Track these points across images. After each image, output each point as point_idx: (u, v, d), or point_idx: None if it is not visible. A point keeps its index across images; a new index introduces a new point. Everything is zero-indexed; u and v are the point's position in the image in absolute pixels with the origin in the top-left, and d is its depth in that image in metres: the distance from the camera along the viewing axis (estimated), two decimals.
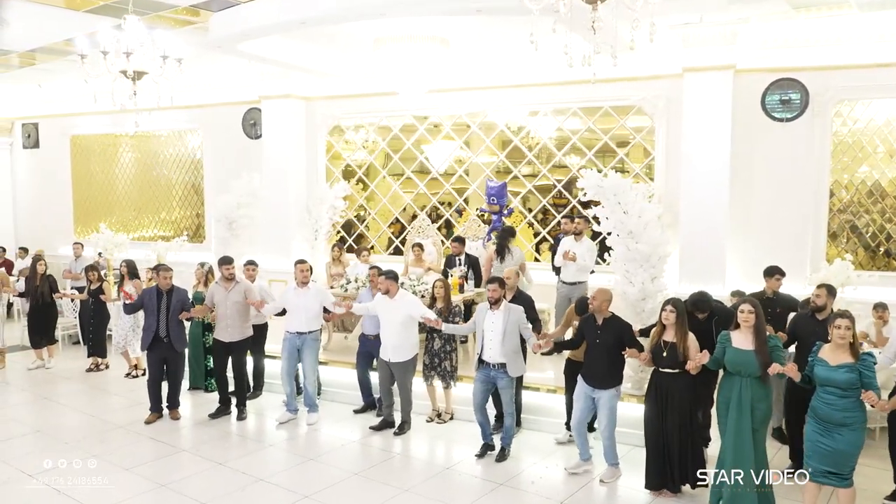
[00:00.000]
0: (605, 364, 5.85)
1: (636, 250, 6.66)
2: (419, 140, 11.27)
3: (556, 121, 10.17)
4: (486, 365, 6.36)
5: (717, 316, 5.97)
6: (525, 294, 7.18)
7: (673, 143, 9.32)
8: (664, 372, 5.52)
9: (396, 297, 6.99)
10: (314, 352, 7.52)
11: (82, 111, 14.00)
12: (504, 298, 6.41)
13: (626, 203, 6.71)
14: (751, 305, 5.17)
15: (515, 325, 6.28)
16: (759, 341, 5.10)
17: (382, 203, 11.77)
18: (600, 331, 5.89)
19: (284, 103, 11.53)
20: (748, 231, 9.03)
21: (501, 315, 6.31)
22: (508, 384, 6.36)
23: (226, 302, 7.53)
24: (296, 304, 7.41)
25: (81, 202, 14.73)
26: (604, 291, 5.94)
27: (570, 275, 8.21)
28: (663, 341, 5.51)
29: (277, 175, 11.63)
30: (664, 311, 5.51)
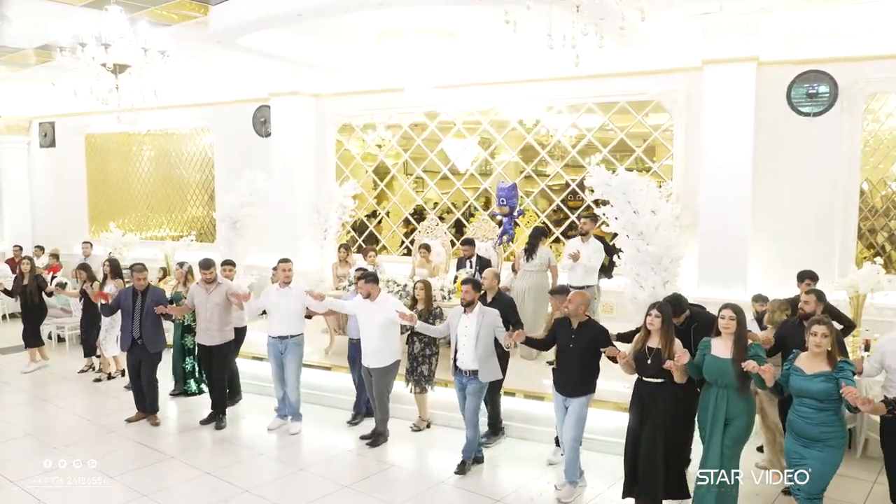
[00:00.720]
0: (577, 371, 5.51)
1: (646, 252, 6.28)
2: (431, 138, 10.94)
3: (571, 117, 9.76)
4: (460, 372, 6.11)
5: (695, 321, 5.59)
6: (506, 295, 6.90)
7: (692, 139, 8.88)
8: (648, 381, 5.15)
9: (377, 299, 6.70)
10: (297, 357, 7.20)
11: (96, 110, 13.97)
12: (476, 302, 6.11)
13: (636, 202, 6.32)
14: (732, 311, 4.85)
15: (490, 328, 5.99)
16: (738, 349, 4.77)
17: (392, 202, 11.46)
18: (574, 335, 5.54)
19: (293, 100, 11.29)
20: (772, 232, 8.55)
21: (475, 319, 6.01)
22: (476, 391, 6.07)
23: (206, 304, 7.28)
24: (276, 304, 7.13)
25: (96, 201, 14.70)
26: (581, 294, 5.60)
27: (577, 277, 7.81)
28: (647, 348, 5.13)
29: (286, 174, 11.41)
30: (649, 316, 5.11)
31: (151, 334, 7.32)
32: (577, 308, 5.52)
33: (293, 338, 7.14)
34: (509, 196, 9.12)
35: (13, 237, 14.98)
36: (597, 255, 7.75)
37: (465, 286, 6.06)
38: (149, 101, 13.05)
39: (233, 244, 9.71)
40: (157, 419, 7.43)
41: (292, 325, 7.12)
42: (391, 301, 6.77)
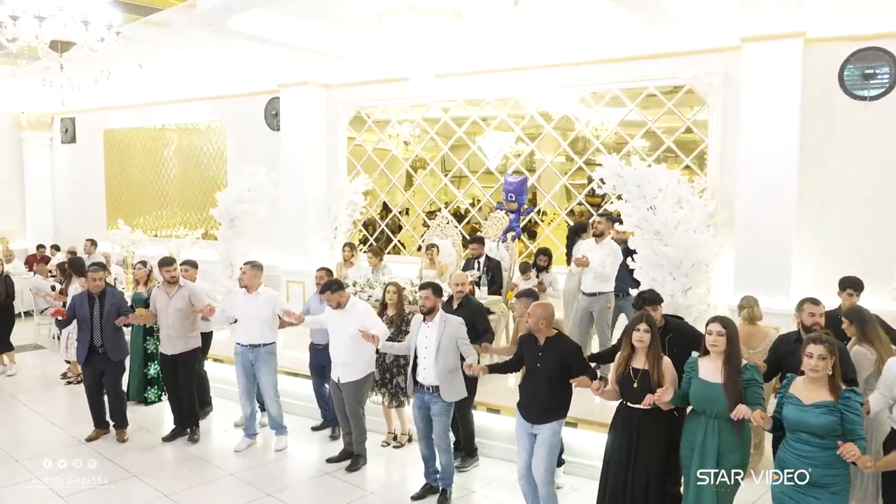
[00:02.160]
0: (546, 394, 4.69)
1: (663, 254, 5.39)
2: (445, 133, 10.19)
3: (594, 105, 8.87)
4: (421, 388, 5.36)
5: (671, 332, 4.78)
6: (475, 301, 6.18)
7: (730, 128, 7.91)
8: (634, 408, 4.36)
9: (347, 306, 5.98)
10: (271, 367, 6.54)
11: (113, 105, 13.77)
12: (438, 309, 5.37)
13: (652, 196, 5.45)
14: (720, 325, 4.09)
15: (452, 339, 5.25)
16: (729, 371, 4.01)
17: (405, 198, 10.74)
18: (541, 353, 4.71)
19: (303, 91, 10.69)
20: (820, 231, 7.52)
21: (436, 328, 5.29)
22: (442, 411, 5.33)
23: (168, 309, 6.66)
24: (245, 311, 6.46)
25: (114, 198, 14.42)
26: (541, 306, 4.76)
27: (588, 284, 6.96)
28: (632, 369, 4.34)
29: (295, 168, 10.84)
30: (637, 332, 4.34)
31: (112, 341, 6.67)
32: (537, 322, 4.69)
33: (265, 346, 6.48)
34: (519, 191, 8.29)
35: (35, 236, 14.84)
36: (612, 259, 6.86)
37: (424, 291, 5.34)
38: (164, 95, 13.01)
39: (231, 243, 9.14)
40: (125, 434, 6.82)
41: (263, 332, 6.46)
42: (361, 308, 6.06)
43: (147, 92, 13.03)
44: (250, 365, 6.47)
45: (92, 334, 6.59)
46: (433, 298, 5.31)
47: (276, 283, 10.82)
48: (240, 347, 6.50)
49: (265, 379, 6.51)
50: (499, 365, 5.26)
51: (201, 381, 7.32)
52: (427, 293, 5.31)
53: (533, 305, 4.81)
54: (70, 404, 7.90)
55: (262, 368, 6.48)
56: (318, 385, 6.90)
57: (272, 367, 6.56)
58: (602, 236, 6.96)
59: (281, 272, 10.96)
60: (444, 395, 5.30)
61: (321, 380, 6.83)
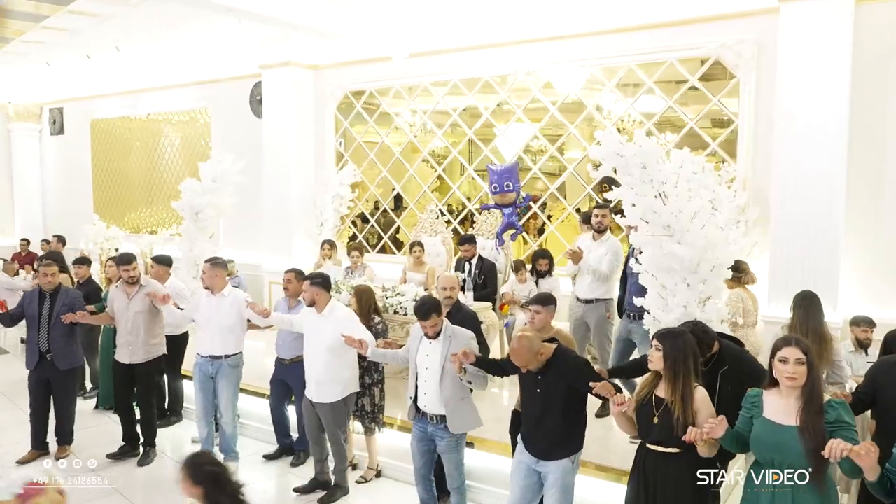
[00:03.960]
0: (552, 424, 3.74)
1: (674, 254, 4.21)
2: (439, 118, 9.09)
3: (606, 82, 7.68)
4: (423, 416, 4.39)
5: (726, 365, 3.68)
6: (467, 309, 5.19)
7: (764, 106, 6.69)
8: (654, 450, 3.36)
9: (325, 310, 4.96)
10: (233, 383, 5.58)
11: (100, 93, 12.99)
12: (441, 325, 4.34)
13: (660, 181, 4.28)
14: (799, 350, 3.00)
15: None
16: (809, 412, 2.95)
17: (396, 190, 9.64)
18: (542, 375, 3.75)
19: (286, 72, 9.68)
20: (875, 232, 6.28)
21: (439, 345, 4.28)
22: (452, 446, 4.34)
23: (126, 312, 5.73)
24: (206, 316, 5.50)
25: (101, 192, 13.61)
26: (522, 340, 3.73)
27: (584, 288, 5.83)
28: (655, 398, 3.34)
29: (279, 158, 9.85)
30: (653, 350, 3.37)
31: (61, 346, 5.80)
32: (526, 361, 3.72)
33: (228, 358, 5.53)
34: (513, 177, 7.11)
35: (25, 231, 14.12)
36: (611, 258, 5.72)
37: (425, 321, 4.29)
38: (150, 82, 12.18)
39: (195, 239, 8.15)
40: (66, 450, 5.94)
41: (227, 341, 5.50)
42: (342, 313, 5.02)
43: (132, 78, 12.21)
44: (209, 379, 5.56)
45: (39, 336, 5.74)
46: (440, 322, 4.31)
47: (258, 285, 9.88)
48: (199, 359, 5.56)
49: (225, 395, 5.56)
50: (486, 360, 4.30)
51: (174, 391, 6.58)
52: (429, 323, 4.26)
53: (514, 341, 3.78)
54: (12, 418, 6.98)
55: (222, 382, 5.54)
56: (276, 406, 5.89)
57: (234, 381, 5.62)
58: (602, 232, 5.82)
59: (263, 272, 10.00)
60: (452, 426, 4.32)
61: (281, 400, 5.84)
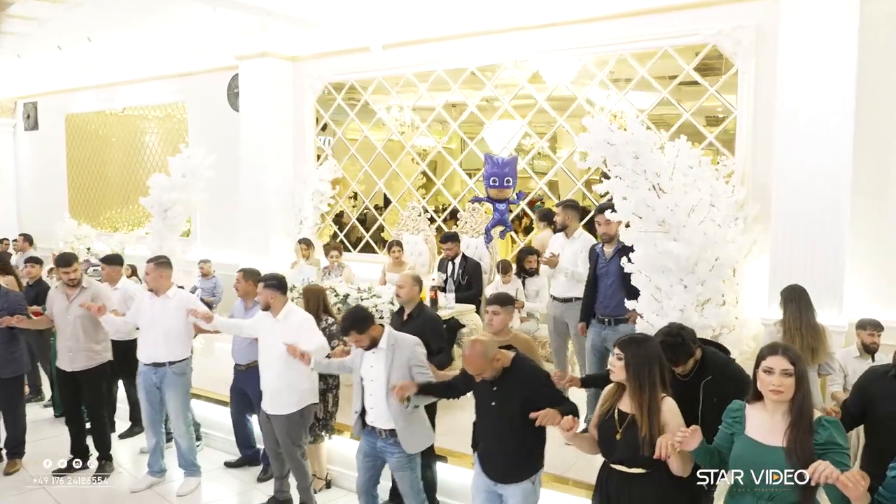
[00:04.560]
0: (510, 443, 3.39)
1: (670, 253, 3.81)
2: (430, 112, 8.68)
3: (597, 72, 7.28)
4: (371, 430, 4.05)
5: (709, 374, 3.28)
6: (429, 311, 4.76)
7: (764, 96, 6.29)
8: (617, 470, 3.02)
9: (280, 314, 4.56)
10: (181, 390, 5.17)
11: (74, 86, 12.52)
12: (382, 333, 3.99)
13: (654, 172, 3.88)
14: (787, 359, 2.64)
15: (406, 367, 3.92)
16: (796, 430, 2.59)
17: (378, 187, 9.21)
18: (496, 388, 3.41)
19: (264, 63, 9.24)
20: (882, 229, 5.89)
21: (382, 355, 3.94)
22: (404, 463, 3.97)
23: (67, 316, 5.32)
24: (149, 319, 5.08)
25: (76, 188, 13.14)
26: (477, 346, 3.36)
27: (559, 287, 5.52)
28: (619, 412, 3.00)
29: (255, 153, 9.41)
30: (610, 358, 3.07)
31: (2, 353, 5.39)
32: (479, 368, 3.36)
33: (174, 365, 5.11)
34: (513, 173, 6.73)
35: None
36: (586, 256, 5.34)
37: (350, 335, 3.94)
38: (126, 75, 11.74)
39: (164, 238, 7.73)
40: (17, 464, 5.55)
41: (171, 347, 5.09)
42: (298, 318, 4.62)
43: (107, 71, 11.74)
44: (155, 389, 5.14)
45: None
46: (365, 338, 3.90)
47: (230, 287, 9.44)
48: (143, 367, 5.15)
49: (173, 406, 5.15)
50: (433, 385, 3.84)
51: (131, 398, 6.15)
52: (350, 339, 3.94)
53: (468, 345, 3.40)
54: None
55: (169, 392, 5.12)
56: (235, 413, 5.51)
57: (183, 390, 5.20)
58: (565, 229, 5.51)
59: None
60: (405, 444, 3.94)
61: (240, 408, 5.45)
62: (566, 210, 5.61)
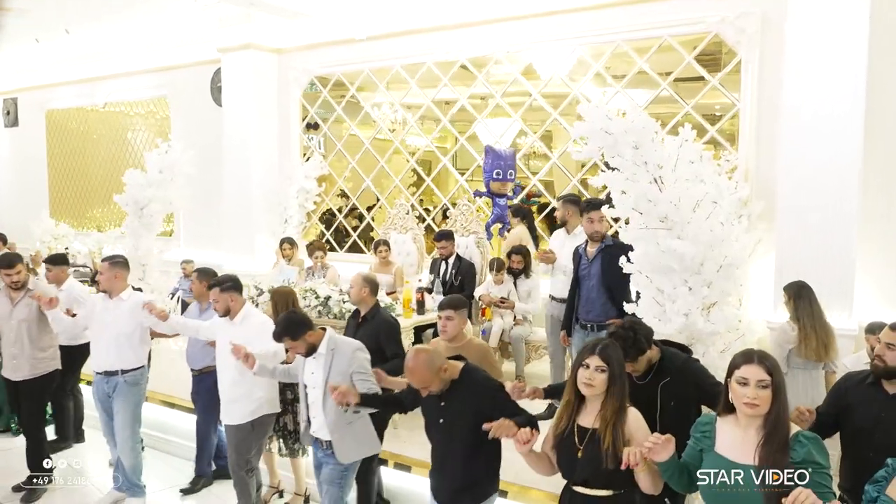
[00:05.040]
0: (460, 463, 3.06)
1: (673, 252, 3.48)
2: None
3: (593, 63, 6.95)
4: (317, 441, 3.77)
5: (668, 376, 3.00)
6: (384, 314, 4.45)
7: (769, 88, 6.00)
8: (580, 492, 2.69)
9: (238, 317, 4.25)
10: (132, 402, 4.75)
11: (55, 81, 12.14)
12: (322, 338, 3.66)
13: (655, 164, 3.56)
14: (763, 368, 2.36)
15: (345, 375, 3.58)
16: (771, 447, 2.32)
17: (366, 185, 8.87)
18: (445, 401, 3.09)
19: (247, 56, 8.89)
20: (892, 229, 5.58)
21: (322, 360, 3.62)
22: (335, 476, 3.67)
23: (10, 320, 4.96)
24: (101, 323, 4.70)
25: (57, 186, 12.77)
26: (419, 356, 3.05)
27: (558, 286, 5.24)
28: (578, 427, 2.69)
29: (239, 149, 9.07)
30: (585, 369, 2.65)
31: None
32: (424, 381, 3.05)
33: (126, 374, 4.71)
34: (514, 166, 6.41)
35: None
36: None
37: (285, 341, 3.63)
38: (108, 69, 11.39)
39: (140, 237, 7.38)
40: None
41: (124, 354, 4.69)
42: (256, 321, 4.29)
43: (88, 66, 11.37)
44: (107, 398, 4.75)
45: None
46: (300, 345, 3.58)
47: None
48: (96, 376, 4.77)
49: (121, 418, 4.73)
50: (377, 397, 3.51)
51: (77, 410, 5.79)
52: (289, 343, 3.60)
53: (408, 359, 3.08)
54: None
55: (119, 403, 4.72)
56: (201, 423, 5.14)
57: (134, 402, 4.78)
58: (567, 225, 5.22)
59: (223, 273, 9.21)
60: (339, 454, 3.62)
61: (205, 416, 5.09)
62: (567, 205, 5.30)
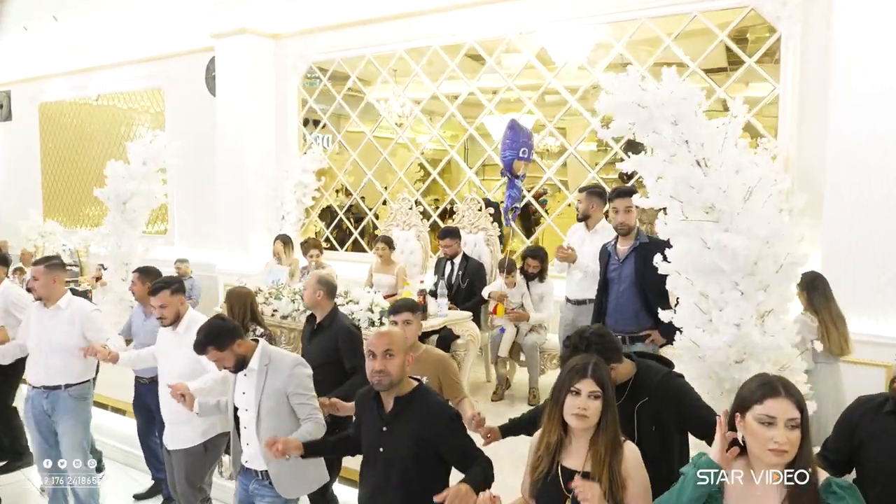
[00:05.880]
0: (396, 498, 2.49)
1: (723, 247, 2.86)
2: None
3: (615, 44, 6.33)
4: (246, 471, 3.13)
5: (645, 396, 2.52)
6: (342, 321, 3.89)
7: (813, 68, 5.36)
8: None
9: (181, 325, 3.68)
10: (79, 420, 4.14)
11: (47, 73, 11.65)
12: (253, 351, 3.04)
13: (698, 143, 2.95)
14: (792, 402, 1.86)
15: (281, 396, 2.98)
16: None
17: (367, 178, 8.27)
18: (386, 426, 2.55)
19: (242, 42, 8.32)
20: None
21: (255, 378, 3.01)
22: None
23: None
24: (38, 334, 4.09)
25: (51, 182, 12.27)
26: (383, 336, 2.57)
27: (574, 287, 4.70)
28: (562, 469, 2.20)
29: (234, 141, 8.51)
30: (575, 396, 2.16)
31: None
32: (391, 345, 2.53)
33: (72, 388, 4.10)
34: (529, 143, 5.80)
35: None
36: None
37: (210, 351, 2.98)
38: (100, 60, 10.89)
39: (123, 234, 6.83)
40: None
41: (68, 366, 4.06)
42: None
43: (80, 56, 10.88)
44: (45, 416, 4.12)
45: None
46: (228, 357, 2.97)
47: (212, 287, 8.56)
48: (31, 391, 4.15)
49: (69, 440, 4.10)
50: (322, 444, 2.92)
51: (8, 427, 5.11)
52: (214, 354, 2.97)
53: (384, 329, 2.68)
54: None
55: (66, 423, 4.09)
56: (143, 433, 4.57)
57: (81, 419, 4.16)
58: (587, 219, 4.62)
59: (217, 273, 8.68)
60: (278, 486, 3.02)
61: (149, 429, 4.49)
62: (591, 197, 4.71)
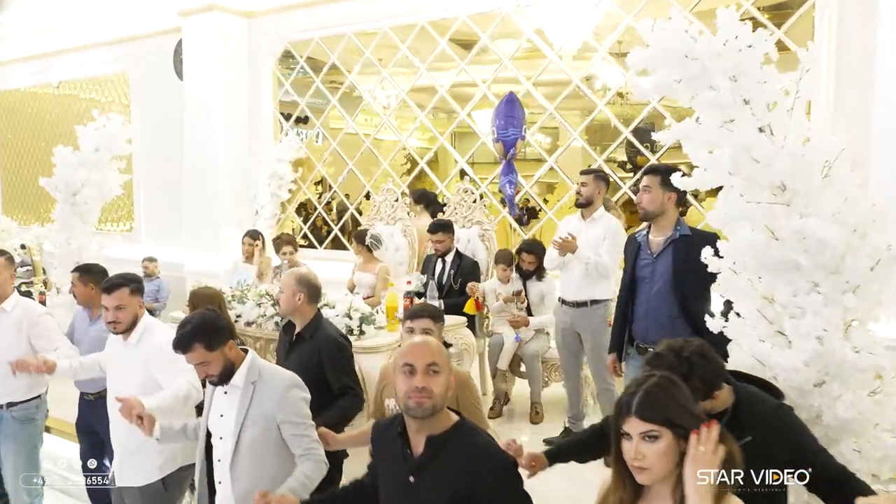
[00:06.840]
0: None
1: (800, 238, 2.20)
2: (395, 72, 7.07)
3: (625, 14, 5.69)
4: None
5: (748, 433, 1.83)
6: (328, 330, 3.19)
7: (853, 41, 4.75)
8: None
9: (134, 335, 2.95)
10: (25, 444, 3.53)
11: (5, 59, 10.86)
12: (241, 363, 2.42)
13: (764, 105, 2.30)
14: None
15: (270, 422, 2.38)
16: None
17: (349, 169, 7.58)
18: (416, 477, 1.88)
19: (211, 19, 7.61)
20: None
21: (238, 398, 2.39)
22: None
23: None
24: None
25: (9, 177, 11.48)
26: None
27: (572, 287, 4.04)
28: None
29: (202, 129, 7.80)
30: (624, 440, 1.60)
31: None
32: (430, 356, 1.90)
33: (14, 407, 3.47)
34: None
35: None
36: (611, 243, 3.94)
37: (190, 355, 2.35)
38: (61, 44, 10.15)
39: (73, 228, 6.10)
40: None
41: (10, 382, 3.38)
42: (159, 339, 2.91)
43: (40, 40, 10.13)
44: None
45: None
46: (216, 361, 2.33)
47: (181, 288, 7.81)
48: None
49: (11, 463, 3.50)
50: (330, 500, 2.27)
51: None
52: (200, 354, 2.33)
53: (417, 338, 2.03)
54: None
55: (7, 445, 3.49)
56: (88, 456, 3.74)
57: (27, 442, 3.55)
58: (589, 206, 3.95)
59: (186, 273, 7.95)
60: None
61: (95, 451, 3.67)
62: (598, 181, 4.03)
